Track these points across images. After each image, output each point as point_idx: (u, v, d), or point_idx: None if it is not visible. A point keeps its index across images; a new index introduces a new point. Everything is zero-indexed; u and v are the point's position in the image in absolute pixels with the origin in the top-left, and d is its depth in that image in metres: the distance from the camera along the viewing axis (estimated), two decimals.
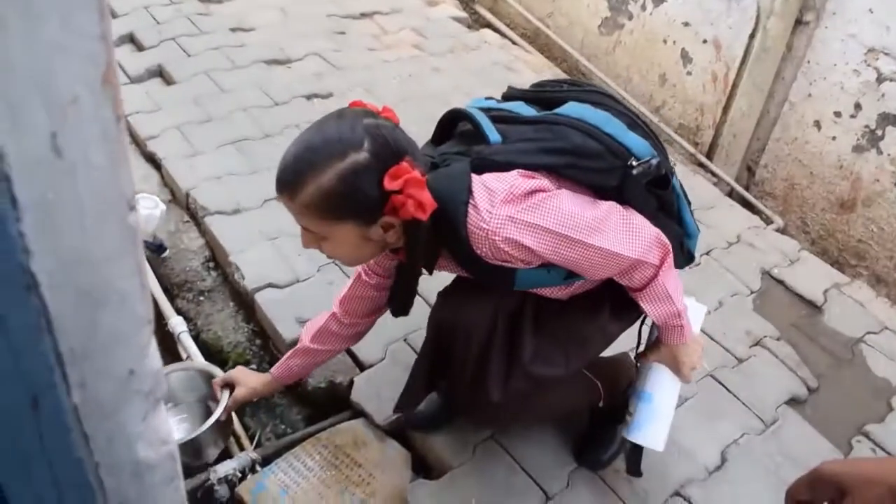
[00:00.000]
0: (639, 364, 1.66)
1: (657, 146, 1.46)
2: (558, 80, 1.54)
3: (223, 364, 2.03)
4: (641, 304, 1.45)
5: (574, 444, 1.85)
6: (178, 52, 3.35)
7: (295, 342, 2.01)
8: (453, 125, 1.48)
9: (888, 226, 2.79)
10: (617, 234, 1.33)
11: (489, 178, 1.29)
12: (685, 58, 3.37)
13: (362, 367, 1.99)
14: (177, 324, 2.00)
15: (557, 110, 1.41)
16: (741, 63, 3.11)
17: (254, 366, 2.08)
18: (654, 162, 1.39)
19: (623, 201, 1.39)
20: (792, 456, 1.92)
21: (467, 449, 1.80)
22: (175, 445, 0.68)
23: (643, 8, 3.51)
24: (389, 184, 1.21)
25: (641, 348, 1.66)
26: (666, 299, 1.43)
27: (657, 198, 1.45)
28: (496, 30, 4.17)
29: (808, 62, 2.92)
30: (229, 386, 1.73)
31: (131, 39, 3.46)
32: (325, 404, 1.96)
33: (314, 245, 1.34)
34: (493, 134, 1.36)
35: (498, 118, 1.41)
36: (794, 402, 2.11)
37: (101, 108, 0.46)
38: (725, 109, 3.22)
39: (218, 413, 1.68)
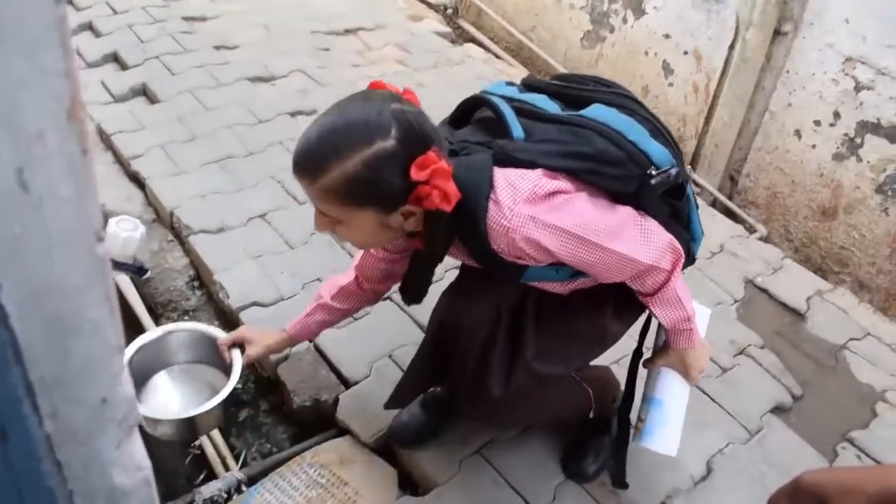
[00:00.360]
0: (646, 370, 1.65)
1: (676, 154, 1.45)
2: (584, 76, 1.52)
3: None
4: (652, 309, 1.46)
5: (560, 457, 1.86)
6: (162, 70, 3.36)
7: (282, 360, 2.02)
8: (472, 110, 1.45)
9: (869, 232, 2.81)
10: (633, 239, 1.33)
11: (512, 174, 1.27)
12: (667, 69, 3.41)
13: (347, 384, 1.99)
14: None
15: (583, 112, 1.39)
16: (721, 74, 3.14)
17: (239, 385, 2.06)
18: (672, 172, 1.38)
19: (638, 207, 1.39)
20: (777, 464, 1.93)
21: (453, 464, 1.80)
22: (150, 471, 0.68)
23: (624, 21, 3.55)
24: (416, 174, 1.17)
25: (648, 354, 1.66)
26: (676, 304, 1.44)
27: (670, 206, 1.45)
28: (480, 44, 4.20)
29: (788, 72, 2.95)
30: (238, 346, 1.66)
31: (115, 58, 3.46)
32: (310, 423, 1.95)
33: (327, 229, 1.30)
34: (516, 129, 1.33)
35: (521, 111, 1.38)
36: (778, 410, 2.12)
37: (66, 142, 0.47)
38: (707, 120, 3.25)
39: (235, 379, 1.60)
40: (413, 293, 1.48)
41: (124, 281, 2.21)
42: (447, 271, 2.04)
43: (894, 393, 2.25)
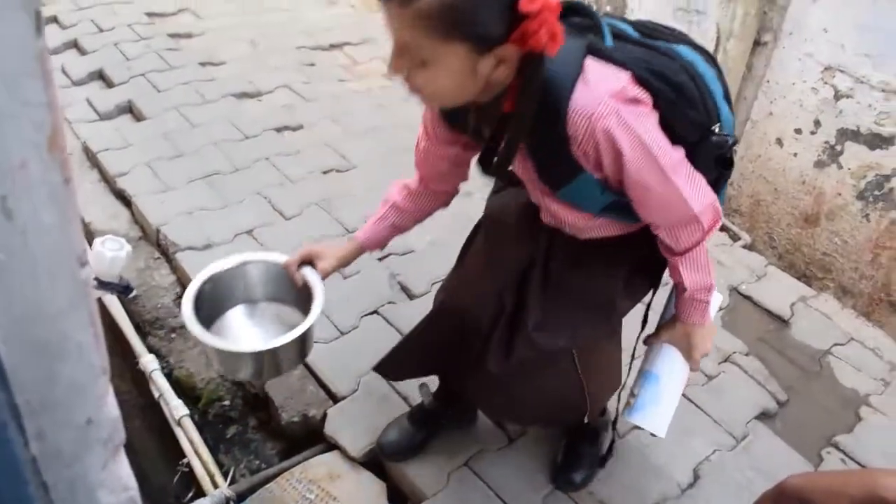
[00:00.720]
0: (647, 345, 1.58)
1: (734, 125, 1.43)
2: (665, 25, 1.48)
3: (196, 401, 2.03)
4: (679, 269, 1.39)
5: (548, 467, 1.87)
6: (147, 87, 3.37)
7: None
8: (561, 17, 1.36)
9: (851, 238, 2.84)
10: (687, 181, 1.29)
11: (604, 67, 1.20)
12: None
13: (335, 399, 1.99)
14: (148, 362, 2.00)
15: (672, 45, 1.32)
16: None
17: (227, 402, 2.07)
18: (730, 139, 1.35)
19: (690, 159, 1.33)
20: (763, 470, 1.95)
21: (442, 477, 1.81)
22: (136, 491, 0.69)
23: None
24: (527, 4, 1.05)
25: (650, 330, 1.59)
26: (704, 269, 1.39)
27: (717, 173, 1.39)
28: None
29: (768, 81, 2.99)
30: (307, 264, 1.56)
31: (101, 76, 3.47)
32: (298, 438, 1.96)
33: (404, 72, 1.16)
34: (608, 38, 1.25)
35: (611, 30, 1.29)
36: (764, 416, 2.14)
37: (48, 171, 0.48)
38: None
39: (320, 301, 1.46)
40: (497, 164, 1.30)
41: (111, 300, 2.21)
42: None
43: (878, 397, 2.27)
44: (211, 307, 1.52)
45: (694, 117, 1.29)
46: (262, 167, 2.91)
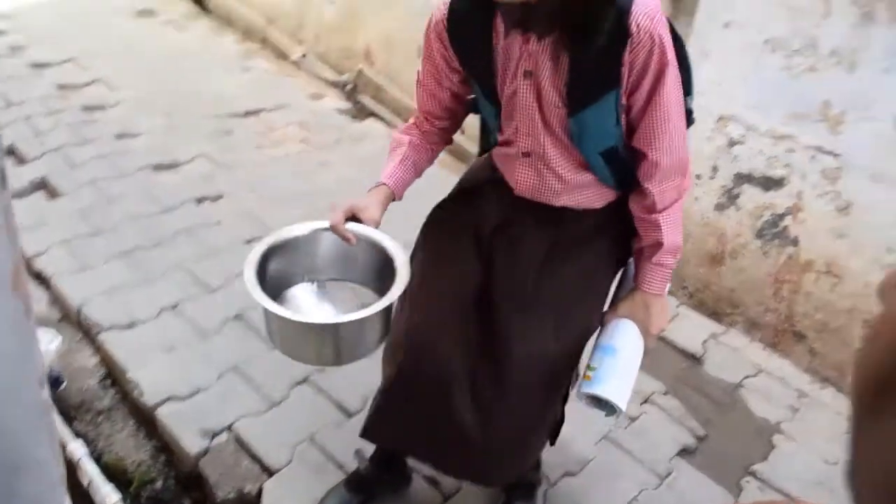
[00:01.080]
0: (602, 323, 1.58)
1: None
2: None
3: (128, 485, 1.99)
4: (662, 227, 1.43)
5: None
6: (61, 163, 3.31)
7: (202, 454, 2.00)
8: None
9: (754, 274, 3.03)
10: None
11: None
12: None
13: (270, 472, 1.99)
14: (76, 448, 1.95)
15: None
16: None
17: (159, 484, 2.05)
18: (694, 118, 1.45)
19: None
20: None
21: None
22: None
23: None
24: None
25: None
26: (679, 227, 1.45)
27: None
28: (381, 118, 4.32)
29: None
30: (352, 219, 1.51)
31: (11, 152, 3.38)
32: None
33: None
34: None
35: None
36: (685, 452, 2.24)
37: (10, 305, 0.53)
38: None
39: (405, 280, 1.37)
40: (594, 28, 1.27)
41: None
42: None
43: (788, 424, 2.41)
44: (275, 280, 1.41)
45: (683, 78, 1.38)
46: (182, 240, 2.90)
